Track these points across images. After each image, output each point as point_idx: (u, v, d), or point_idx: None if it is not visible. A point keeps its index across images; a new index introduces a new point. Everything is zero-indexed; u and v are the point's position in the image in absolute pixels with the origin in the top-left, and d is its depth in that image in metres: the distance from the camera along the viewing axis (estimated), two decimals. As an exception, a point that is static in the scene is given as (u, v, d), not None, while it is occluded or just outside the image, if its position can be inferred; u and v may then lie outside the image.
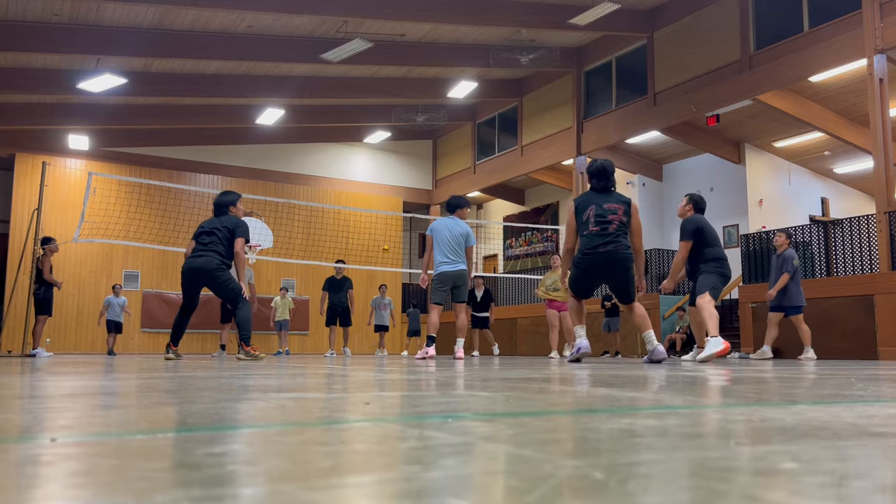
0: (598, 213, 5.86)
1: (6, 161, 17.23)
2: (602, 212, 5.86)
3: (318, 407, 1.56)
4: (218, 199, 7.04)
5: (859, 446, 0.93)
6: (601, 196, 5.99)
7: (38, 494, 0.64)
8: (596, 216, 5.86)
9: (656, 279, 15.21)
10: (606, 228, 5.83)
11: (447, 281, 7.82)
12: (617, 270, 5.89)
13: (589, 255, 5.89)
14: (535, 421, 1.25)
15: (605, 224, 5.83)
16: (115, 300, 13.95)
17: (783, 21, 12.65)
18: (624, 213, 5.90)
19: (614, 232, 5.83)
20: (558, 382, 2.59)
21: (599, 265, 5.87)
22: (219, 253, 6.68)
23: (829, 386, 2.40)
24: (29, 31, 12.88)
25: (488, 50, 15.21)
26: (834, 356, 10.40)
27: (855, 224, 11.31)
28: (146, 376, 3.15)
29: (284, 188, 19.53)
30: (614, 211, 5.87)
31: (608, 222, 5.82)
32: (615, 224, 5.84)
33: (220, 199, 7.05)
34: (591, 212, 5.89)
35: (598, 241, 5.83)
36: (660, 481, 0.70)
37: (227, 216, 6.94)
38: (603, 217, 5.84)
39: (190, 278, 6.68)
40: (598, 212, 5.86)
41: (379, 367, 4.71)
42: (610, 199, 5.98)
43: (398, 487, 0.66)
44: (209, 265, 6.60)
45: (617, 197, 6.04)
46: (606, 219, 5.83)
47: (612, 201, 5.95)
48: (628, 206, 5.98)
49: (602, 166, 6.07)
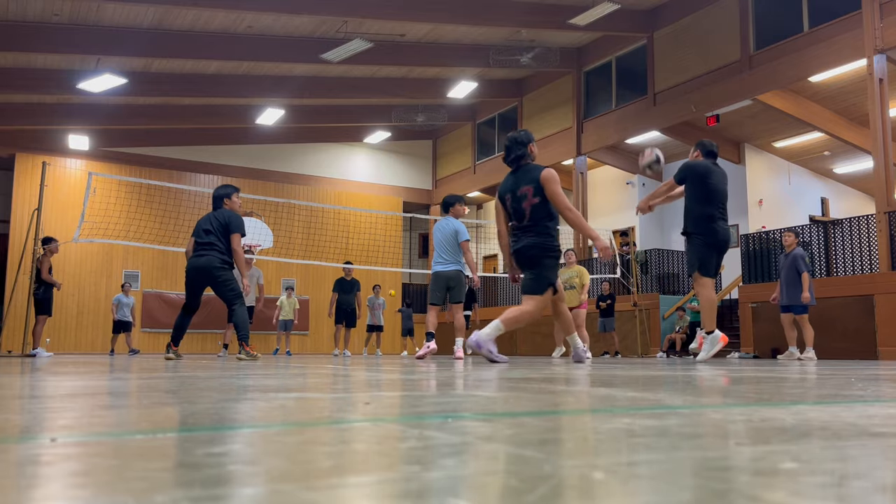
0: (514, 203, 5.35)
1: (6, 161, 17.23)
2: (516, 199, 5.32)
3: (318, 407, 1.56)
4: (215, 193, 6.99)
5: (859, 446, 0.93)
6: (514, 177, 5.39)
7: (38, 494, 0.64)
8: (512, 207, 5.38)
9: (656, 279, 15.21)
10: (521, 219, 5.33)
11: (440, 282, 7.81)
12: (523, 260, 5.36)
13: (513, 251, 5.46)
14: (535, 421, 1.25)
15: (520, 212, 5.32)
16: (125, 299, 13.95)
17: (783, 21, 12.65)
18: (534, 192, 5.22)
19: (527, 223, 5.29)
20: (558, 382, 2.59)
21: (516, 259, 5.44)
22: (219, 251, 6.60)
23: (829, 386, 2.40)
24: (29, 31, 12.89)
25: (488, 50, 15.22)
26: (834, 356, 10.40)
27: (855, 224, 11.31)
28: (146, 376, 3.15)
29: (284, 188, 19.53)
30: (524, 195, 5.25)
31: (522, 211, 5.30)
32: (528, 213, 5.26)
33: (216, 193, 6.99)
34: (509, 201, 5.40)
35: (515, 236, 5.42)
36: (660, 481, 0.70)
37: (222, 210, 6.84)
38: (518, 204, 5.31)
39: (193, 278, 6.64)
40: (513, 202, 5.36)
41: (377, 367, 4.71)
42: (522, 180, 5.32)
43: (398, 487, 0.66)
44: (211, 264, 6.54)
45: (527, 175, 5.31)
46: (521, 205, 5.29)
47: (523, 183, 5.29)
48: (537, 181, 5.22)
49: (509, 138, 5.47)
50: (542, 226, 5.27)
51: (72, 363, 5.71)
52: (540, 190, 5.21)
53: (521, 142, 5.38)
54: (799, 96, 13.38)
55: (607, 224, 17.57)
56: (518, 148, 5.38)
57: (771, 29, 12.88)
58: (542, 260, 5.29)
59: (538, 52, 14.97)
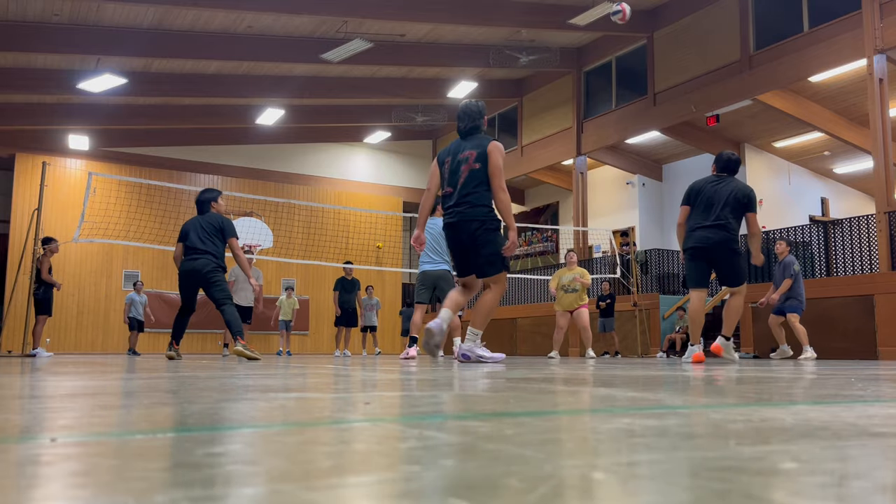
0: (453, 166, 5.06)
1: (6, 161, 17.24)
2: (456, 163, 5.05)
3: (318, 407, 1.56)
4: (200, 197, 7.05)
5: (859, 446, 0.93)
6: (460, 143, 5.17)
7: (38, 494, 0.64)
8: (450, 171, 5.08)
9: (656, 279, 15.21)
10: (455, 183, 5.03)
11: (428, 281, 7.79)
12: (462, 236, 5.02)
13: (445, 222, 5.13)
14: (535, 421, 1.25)
15: (455, 178, 5.05)
16: (138, 298, 13.90)
17: (783, 21, 12.65)
18: (476, 158, 4.98)
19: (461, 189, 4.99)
20: (558, 383, 2.59)
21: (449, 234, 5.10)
22: (213, 255, 6.72)
23: (829, 386, 2.40)
24: (29, 31, 12.89)
25: (488, 50, 15.22)
26: (834, 356, 10.40)
27: (855, 224, 11.31)
28: (146, 376, 3.15)
29: (284, 188, 19.54)
30: (466, 159, 5.00)
31: (458, 174, 5.01)
32: (464, 176, 4.97)
33: (203, 197, 7.05)
34: (447, 164, 5.11)
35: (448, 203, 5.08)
36: (660, 481, 0.70)
37: (211, 214, 6.94)
38: (456, 168, 5.04)
39: (187, 280, 6.76)
40: (452, 164, 5.07)
41: (377, 367, 4.71)
42: (468, 145, 5.10)
43: (398, 487, 0.66)
44: (206, 268, 6.67)
45: (474, 141, 5.11)
46: (458, 171, 5.02)
47: (468, 147, 5.07)
48: (483, 149, 5.02)
49: (465, 105, 5.25)
50: (478, 194, 4.96)
51: (72, 363, 5.71)
52: (483, 158, 5.00)
53: (478, 112, 5.23)
54: (799, 96, 13.37)
55: (607, 224, 17.57)
56: (475, 117, 5.20)
57: (771, 29, 12.87)
58: (489, 237, 5.00)
59: (538, 52, 14.97)
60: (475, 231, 4.95)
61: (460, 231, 5.00)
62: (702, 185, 6.15)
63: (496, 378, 2.94)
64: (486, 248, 4.99)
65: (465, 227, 4.98)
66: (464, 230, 4.99)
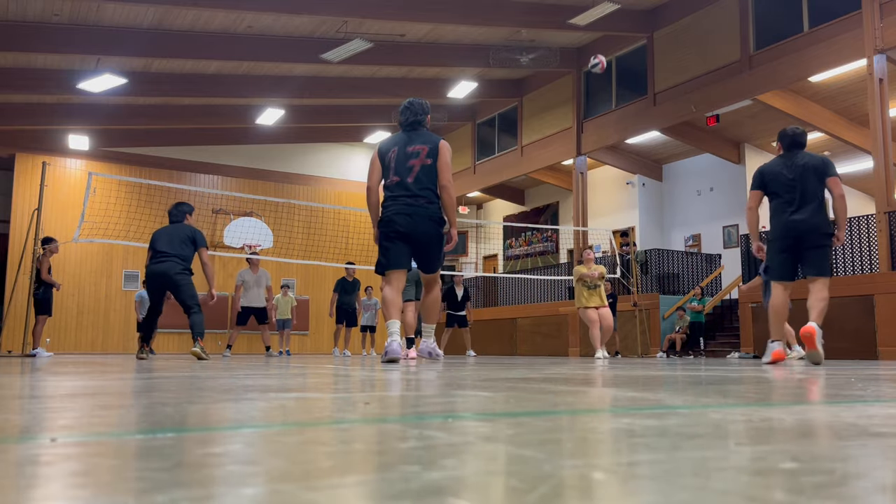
0: (400, 157, 5.04)
1: (6, 161, 17.23)
2: (404, 156, 5.03)
3: (318, 407, 1.56)
4: (177, 209, 7.44)
5: (859, 446, 0.93)
6: (408, 135, 5.17)
7: (38, 494, 0.64)
8: (397, 162, 5.04)
9: (657, 280, 15.21)
10: (406, 176, 4.99)
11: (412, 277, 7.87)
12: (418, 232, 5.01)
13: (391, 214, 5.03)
14: (535, 421, 1.25)
15: (406, 171, 5.00)
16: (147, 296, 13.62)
17: (783, 21, 12.65)
18: (429, 154, 5.02)
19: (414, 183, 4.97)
20: (558, 382, 2.59)
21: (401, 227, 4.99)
22: (180, 258, 7.06)
23: (829, 386, 2.40)
24: (29, 31, 12.88)
25: (488, 50, 15.21)
26: (834, 356, 10.40)
27: (855, 224, 11.31)
28: (146, 376, 3.15)
29: (284, 188, 19.53)
30: (417, 151, 5.01)
31: (409, 168, 4.99)
32: (416, 169, 4.98)
33: (180, 209, 7.45)
34: (393, 155, 5.07)
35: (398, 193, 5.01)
36: (660, 481, 0.70)
37: (183, 225, 7.34)
38: (404, 160, 5.02)
39: (154, 283, 7.10)
40: (398, 155, 5.05)
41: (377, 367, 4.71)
42: (416, 139, 5.11)
43: (398, 487, 0.66)
44: (172, 270, 6.99)
45: (423, 137, 5.15)
46: (408, 163, 5.00)
47: (417, 142, 5.09)
48: (435, 145, 5.08)
49: (409, 101, 5.30)
50: (432, 192, 5.02)
51: (72, 363, 5.71)
52: (434, 154, 5.04)
53: (424, 109, 5.29)
54: (799, 96, 13.37)
55: (607, 224, 17.57)
56: (420, 112, 5.25)
57: (771, 29, 12.87)
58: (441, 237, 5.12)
59: (538, 52, 14.97)
60: (432, 229, 5.04)
61: (418, 224, 4.98)
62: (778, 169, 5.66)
63: (496, 378, 2.94)
64: (439, 248, 5.14)
65: (422, 222, 5.00)
66: (421, 225, 5.00)
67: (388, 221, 5.06)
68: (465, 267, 22.73)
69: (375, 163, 5.23)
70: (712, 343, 14.01)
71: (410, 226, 4.99)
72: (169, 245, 7.05)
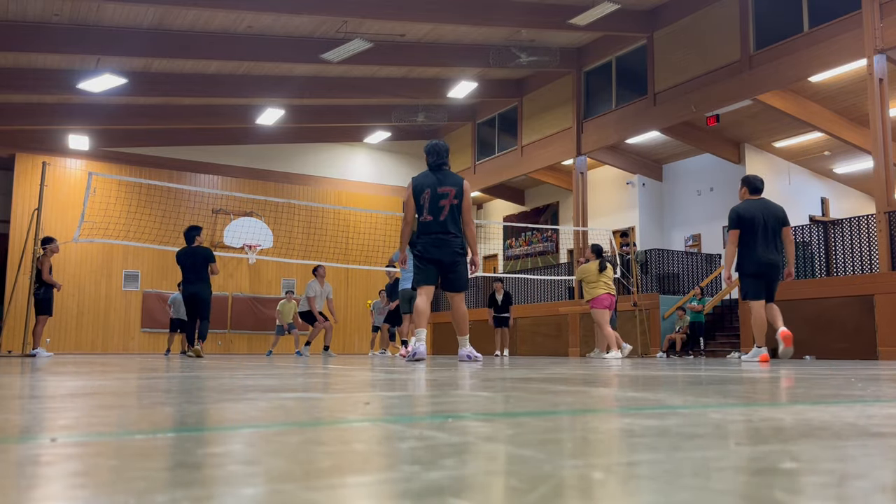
0: (433, 197, 6.01)
1: (6, 161, 17.23)
2: (436, 196, 6.01)
3: (318, 407, 1.56)
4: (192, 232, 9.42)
5: (859, 446, 0.93)
6: (436, 175, 6.13)
7: (38, 494, 0.64)
8: (430, 202, 6.02)
9: (657, 280, 15.21)
10: (439, 215, 5.99)
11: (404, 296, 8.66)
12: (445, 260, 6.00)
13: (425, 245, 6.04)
14: (535, 421, 1.25)
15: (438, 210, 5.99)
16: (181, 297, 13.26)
17: (783, 21, 12.64)
18: (456, 195, 6.03)
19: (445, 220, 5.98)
20: (558, 382, 2.59)
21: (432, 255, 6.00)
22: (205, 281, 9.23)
23: (829, 386, 2.40)
24: (29, 31, 12.88)
25: (488, 50, 15.21)
26: (834, 356, 10.40)
27: (855, 224, 11.30)
28: (146, 376, 3.15)
29: (284, 188, 19.53)
30: (446, 193, 6.00)
31: (440, 208, 5.98)
32: (447, 209, 5.98)
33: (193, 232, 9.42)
34: (427, 196, 6.05)
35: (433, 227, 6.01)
36: (660, 481, 0.70)
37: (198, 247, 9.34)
38: (436, 202, 6.00)
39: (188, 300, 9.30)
40: (432, 196, 6.01)
41: (378, 367, 4.71)
42: (445, 180, 6.09)
43: (398, 487, 0.66)
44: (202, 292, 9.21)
45: (451, 178, 6.14)
46: (439, 204, 5.99)
47: (447, 184, 6.07)
48: (461, 187, 6.10)
49: (436, 144, 6.27)
50: (458, 228, 6.04)
51: (72, 363, 5.71)
52: (460, 195, 6.04)
53: (447, 151, 6.26)
54: (799, 96, 13.37)
55: (607, 224, 17.58)
56: (445, 155, 6.23)
57: (771, 29, 12.87)
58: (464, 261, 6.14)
59: (538, 53, 14.96)
60: (457, 258, 6.03)
61: (445, 254, 5.99)
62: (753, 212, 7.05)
63: (496, 378, 2.94)
64: (462, 270, 6.12)
65: (450, 253, 6.00)
66: (448, 255, 6.00)
67: (422, 250, 6.08)
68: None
69: (411, 202, 6.19)
70: (712, 343, 14.01)
71: (440, 254, 6.00)
72: (193, 270, 9.19)
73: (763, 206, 7.06)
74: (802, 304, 11.28)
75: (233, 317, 18.43)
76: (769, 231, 6.95)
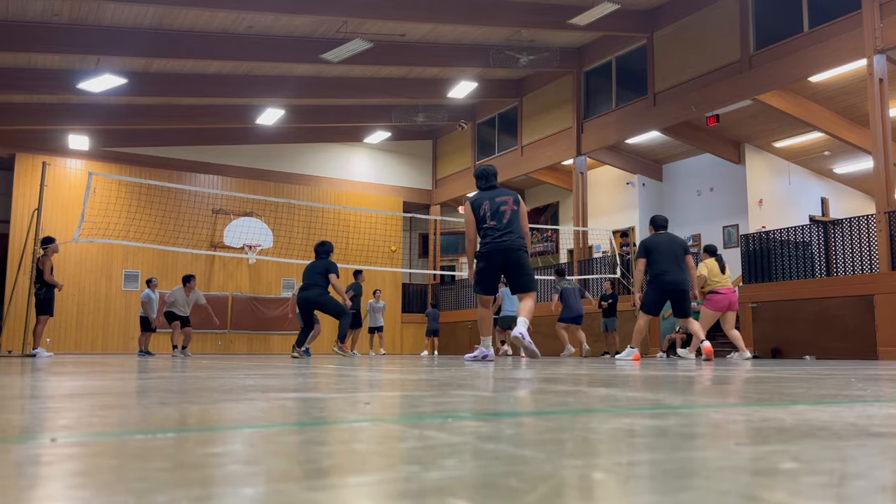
0: (493, 207, 6.48)
1: (6, 161, 17.23)
2: (495, 205, 6.48)
3: (318, 407, 1.56)
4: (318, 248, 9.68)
5: (859, 446, 0.93)
6: (490, 193, 6.62)
7: (38, 494, 0.64)
8: (491, 210, 6.48)
9: (656, 279, 15.20)
10: (501, 219, 6.43)
11: None
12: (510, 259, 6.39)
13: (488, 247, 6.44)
14: (535, 421, 1.25)
15: (499, 215, 6.44)
16: (154, 295, 12.98)
17: (783, 21, 12.64)
18: (514, 202, 6.52)
19: (508, 222, 6.41)
20: (558, 382, 2.59)
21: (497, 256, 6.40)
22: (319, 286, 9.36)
23: (828, 386, 2.40)
24: (29, 31, 12.88)
25: (488, 50, 15.21)
26: (834, 356, 10.40)
27: (855, 224, 11.30)
28: (146, 376, 3.15)
29: (284, 188, 19.53)
30: (505, 201, 6.49)
31: (502, 213, 6.44)
32: (508, 213, 6.44)
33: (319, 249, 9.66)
34: (486, 206, 6.49)
35: (496, 232, 6.41)
36: (660, 481, 0.70)
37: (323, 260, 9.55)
38: (496, 209, 6.46)
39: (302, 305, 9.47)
40: (492, 207, 6.48)
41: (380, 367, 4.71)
42: (501, 194, 6.60)
43: (398, 487, 0.66)
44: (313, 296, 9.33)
45: (504, 192, 6.66)
46: (500, 209, 6.44)
47: (503, 195, 6.58)
48: (516, 197, 6.61)
49: (485, 169, 6.77)
50: (519, 228, 6.45)
51: (72, 363, 5.71)
52: (517, 203, 6.54)
53: (495, 173, 6.77)
54: (799, 96, 13.37)
55: (607, 224, 17.57)
56: (494, 178, 6.75)
57: (771, 29, 12.86)
58: (528, 260, 6.55)
59: (538, 53, 14.96)
60: (520, 255, 6.42)
61: (510, 252, 6.37)
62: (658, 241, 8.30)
63: (496, 378, 2.94)
64: (528, 268, 6.54)
65: (514, 251, 6.39)
66: (513, 253, 6.39)
67: (485, 254, 6.42)
68: (464, 267, 22.73)
69: (471, 217, 6.56)
70: (712, 343, 14.00)
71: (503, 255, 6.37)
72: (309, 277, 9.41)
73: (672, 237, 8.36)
74: (802, 304, 11.28)
75: (233, 317, 18.43)
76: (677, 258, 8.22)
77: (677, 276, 8.09)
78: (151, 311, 12.98)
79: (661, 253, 8.10)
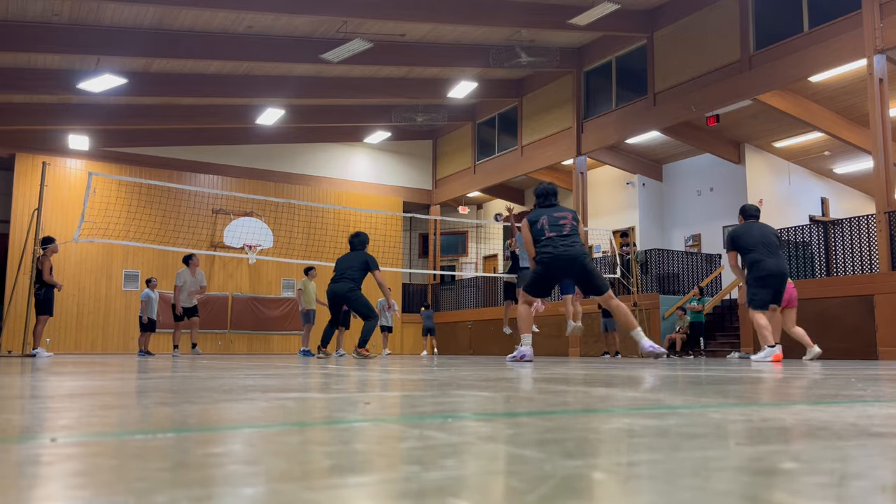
0: (551, 221, 6.64)
1: (6, 161, 17.23)
2: (554, 219, 6.65)
3: (318, 407, 1.56)
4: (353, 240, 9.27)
5: (859, 446, 0.93)
6: (550, 210, 6.80)
7: (38, 494, 0.64)
8: (549, 224, 6.64)
9: (657, 280, 15.21)
10: (561, 231, 6.57)
11: None
12: (576, 266, 6.48)
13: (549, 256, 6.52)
14: (535, 421, 1.25)
15: (559, 227, 6.58)
16: (154, 295, 12.91)
17: (783, 21, 12.64)
18: (573, 217, 6.70)
19: (569, 233, 6.54)
20: (558, 382, 2.59)
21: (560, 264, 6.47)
22: (351, 280, 8.85)
23: (828, 386, 2.40)
24: (29, 31, 12.87)
25: (488, 50, 15.21)
26: (834, 356, 10.40)
27: (855, 224, 11.30)
28: (146, 376, 3.15)
29: (284, 188, 19.53)
30: (564, 216, 6.68)
31: (561, 226, 6.58)
32: (568, 226, 6.59)
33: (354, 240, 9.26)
34: (544, 220, 6.66)
35: (557, 241, 6.53)
36: (660, 481, 0.70)
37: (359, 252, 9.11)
38: (555, 222, 6.61)
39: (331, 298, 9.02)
40: (550, 220, 6.64)
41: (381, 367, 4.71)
42: (559, 209, 6.81)
43: (398, 487, 0.66)
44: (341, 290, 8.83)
45: (563, 208, 6.87)
46: (559, 223, 6.59)
47: (562, 210, 6.78)
48: (575, 213, 6.81)
49: (545, 187, 7.01)
50: (578, 237, 6.59)
51: (72, 363, 5.71)
52: (576, 219, 6.72)
53: (555, 192, 6.98)
54: (799, 96, 13.37)
55: (607, 224, 17.57)
56: (554, 196, 6.94)
57: (771, 29, 12.86)
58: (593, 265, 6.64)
59: (538, 53, 14.96)
60: (585, 261, 6.51)
61: (577, 261, 6.47)
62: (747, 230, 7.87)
63: (496, 378, 2.94)
64: (597, 272, 6.66)
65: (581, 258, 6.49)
66: (580, 260, 6.49)
67: (547, 262, 6.49)
68: (464, 267, 22.74)
69: (528, 236, 6.73)
70: (712, 343, 14.01)
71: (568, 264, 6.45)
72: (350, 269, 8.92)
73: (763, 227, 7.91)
74: (802, 304, 11.26)
75: (233, 317, 18.43)
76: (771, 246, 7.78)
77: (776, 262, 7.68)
78: (151, 311, 12.94)
79: (752, 239, 7.70)
